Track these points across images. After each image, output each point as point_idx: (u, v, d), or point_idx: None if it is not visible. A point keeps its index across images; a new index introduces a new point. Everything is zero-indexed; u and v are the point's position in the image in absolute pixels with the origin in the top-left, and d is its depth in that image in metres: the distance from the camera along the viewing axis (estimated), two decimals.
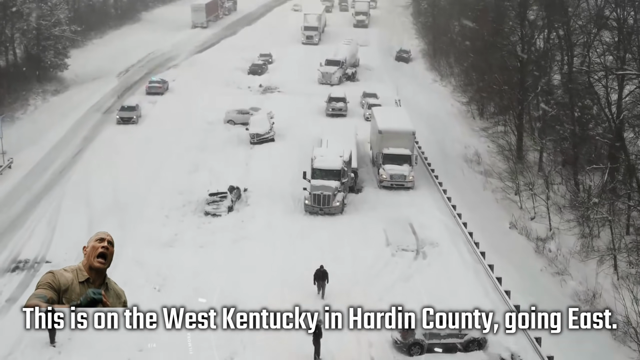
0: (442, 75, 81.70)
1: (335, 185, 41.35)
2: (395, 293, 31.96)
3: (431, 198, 44.70)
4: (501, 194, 48.10)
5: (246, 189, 45.24)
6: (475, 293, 32.53)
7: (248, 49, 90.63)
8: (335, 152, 43.11)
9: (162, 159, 51.33)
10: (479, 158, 54.14)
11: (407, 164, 45.71)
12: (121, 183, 46.16)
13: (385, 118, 48.48)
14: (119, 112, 60.50)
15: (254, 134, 54.69)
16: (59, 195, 44.05)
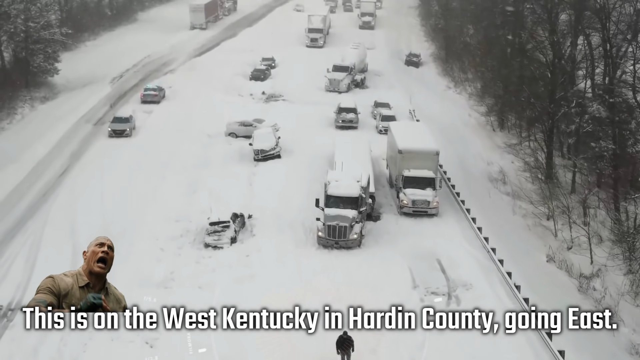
0: (456, 82, 76.90)
1: (353, 215, 36.54)
2: (430, 348, 27.29)
3: (458, 226, 39.93)
4: (532, 219, 43.39)
5: (250, 216, 40.48)
6: (522, 350, 27.79)
7: (249, 52, 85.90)
8: (352, 177, 38.25)
9: (157, 178, 46.54)
10: (505, 177, 49.37)
11: (431, 188, 40.93)
12: (111, 208, 41.36)
13: (405, 135, 43.66)
14: (111, 124, 55.64)
15: (258, 149, 49.89)
16: (40, 225, 39.20)
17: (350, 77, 70.28)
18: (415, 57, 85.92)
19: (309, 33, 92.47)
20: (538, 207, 43.57)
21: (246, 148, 51.94)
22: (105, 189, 44.03)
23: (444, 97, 72.18)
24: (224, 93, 69.11)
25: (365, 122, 59.80)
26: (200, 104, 64.41)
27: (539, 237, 41.68)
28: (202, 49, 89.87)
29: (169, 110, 62.86)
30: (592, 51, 51.19)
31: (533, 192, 46.92)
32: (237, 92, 69.81)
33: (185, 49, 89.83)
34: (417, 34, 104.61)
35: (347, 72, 70.17)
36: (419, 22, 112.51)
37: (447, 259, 35.89)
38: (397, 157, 41.95)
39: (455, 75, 78.35)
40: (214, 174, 47.35)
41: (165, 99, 66.37)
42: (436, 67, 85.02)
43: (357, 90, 70.88)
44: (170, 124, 58.76)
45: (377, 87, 73.32)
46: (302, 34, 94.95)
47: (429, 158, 41.54)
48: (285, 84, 72.18)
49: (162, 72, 77.78)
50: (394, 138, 43.99)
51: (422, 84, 77.02)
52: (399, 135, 43.53)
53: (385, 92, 70.33)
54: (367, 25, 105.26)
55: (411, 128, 47.86)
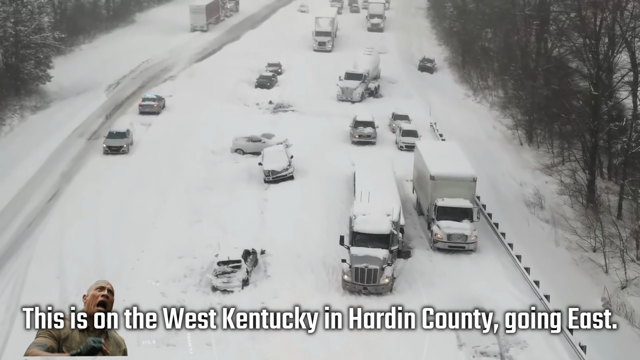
0: (475, 90, 72.07)
1: (384, 256, 31.65)
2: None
3: (500, 264, 35.07)
4: (579, 251, 38.59)
5: (264, 252, 35.62)
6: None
7: (253, 56, 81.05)
8: (381, 210, 33.34)
9: (157, 203, 41.69)
10: (542, 201, 44.56)
11: (468, 220, 36.09)
12: (105, 242, 36.48)
13: (437, 158, 38.76)
14: (107, 139, 50.69)
15: (268, 170, 45.03)
16: (24, 262, 34.30)
17: (364, 86, 65.43)
18: (429, 62, 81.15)
19: (316, 36, 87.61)
20: (584, 237, 38.81)
21: (255, 167, 47.13)
22: (98, 218, 39.13)
23: (464, 107, 67.38)
24: (228, 102, 64.28)
25: (383, 137, 54.97)
26: (203, 115, 59.57)
27: (588, 274, 36.87)
28: (204, 53, 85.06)
29: (169, 122, 58.00)
30: (636, 60, 46.36)
31: (575, 220, 42.18)
32: (242, 102, 64.97)
33: (185, 52, 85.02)
34: (428, 37, 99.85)
35: (361, 80, 65.31)
36: (429, 23, 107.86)
37: (493, 307, 30.92)
38: (429, 184, 37.08)
39: (474, 82, 73.52)
40: (220, 199, 42.53)
41: (165, 109, 61.50)
42: (452, 73, 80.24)
43: (371, 100, 66.09)
44: (171, 138, 53.91)
45: (392, 95, 68.51)
46: (308, 37, 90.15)
47: (465, 185, 36.69)
48: (293, 92, 67.36)
49: (162, 78, 72.98)
50: (423, 161, 39.13)
51: (439, 91, 72.22)
52: (430, 158, 38.66)
53: (402, 102, 65.57)
54: (376, 27, 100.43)
55: (442, 149, 42.87)
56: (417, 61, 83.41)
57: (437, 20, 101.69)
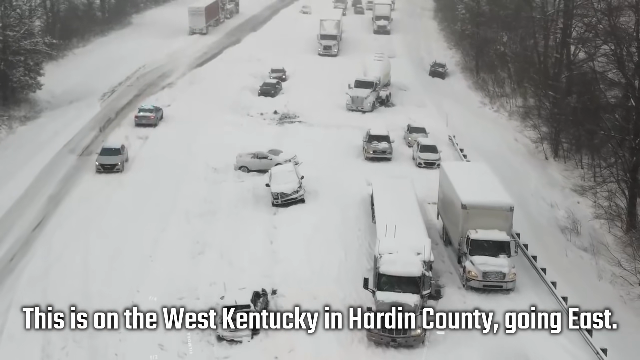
0: (491, 97, 68.00)
1: (415, 302, 27.56)
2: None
3: (542, 306, 30.89)
4: (625, 287, 34.57)
5: (275, 292, 31.52)
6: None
7: (255, 61, 77.25)
8: (409, 247, 29.26)
9: (154, 232, 37.56)
10: (577, 226, 40.51)
11: (505, 254, 32.02)
12: (96, 282, 32.33)
13: (467, 183, 34.61)
14: (99, 156, 46.53)
15: (277, 193, 40.95)
16: (3, 308, 30.15)
17: (375, 94, 61.35)
18: (440, 67, 77.13)
19: (321, 40, 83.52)
20: (631, 272, 34.78)
21: (261, 187, 43.09)
22: (88, 252, 34.98)
23: (481, 117, 63.33)
24: (231, 112, 60.26)
25: (399, 152, 50.88)
26: (204, 127, 55.51)
27: (637, 314, 32.88)
28: (204, 58, 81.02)
29: (167, 136, 53.90)
30: None
31: (616, 246, 38.19)
32: (245, 111, 60.92)
33: (184, 57, 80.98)
34: (436, 39, 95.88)
35: (372, 88, 61.22)
36: (437, 25, 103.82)
37: None
38: (459, 213, 32.96)
39: (489, 89, 69.44)
40: (225, 226, 38.46)
41: (162, 120, 57.37)
42: (465, 78, 76.22)
43: (382, 109, 62.06)
44: (169, 153, 49.82)
45: (404, 104, 64.47)
46: (312, 40, 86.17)
47: (501, 215, 32.57)
48: (299, 100, 63.27)
49: (159, 86, 68.91)
50: (451, 186, 35.00)
51: (453, 99, 68.23)
52: (459, 183, 34.52)
53: (415, 111, 61.63)
54: (382, 29, 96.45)
55: (471, 171, 38.60)
56: (427, 65, 79.46)
57: (446, 22, 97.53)
